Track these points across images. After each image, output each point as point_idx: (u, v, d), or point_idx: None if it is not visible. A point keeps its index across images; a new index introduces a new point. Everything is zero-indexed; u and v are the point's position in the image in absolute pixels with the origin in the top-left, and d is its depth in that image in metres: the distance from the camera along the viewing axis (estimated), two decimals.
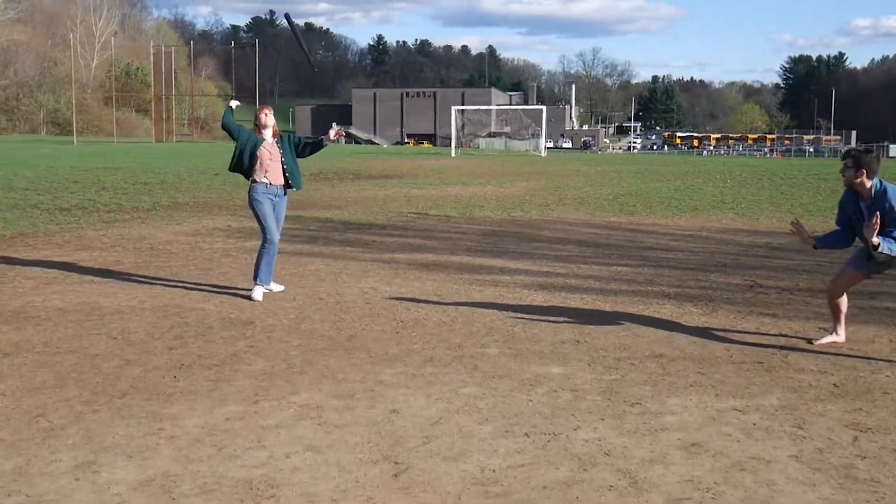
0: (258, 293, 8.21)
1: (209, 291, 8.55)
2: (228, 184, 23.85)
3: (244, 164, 8.38)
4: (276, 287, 8.56)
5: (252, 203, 8.39)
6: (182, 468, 4.16)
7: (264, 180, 8.32)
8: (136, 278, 9.25)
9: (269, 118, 8.48)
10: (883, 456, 4.38)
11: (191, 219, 15.20)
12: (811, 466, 4.24)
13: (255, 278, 8.31)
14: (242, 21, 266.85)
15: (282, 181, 8.41)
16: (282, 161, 8.38)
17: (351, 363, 6.03)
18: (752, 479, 4.09)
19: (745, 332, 7.04)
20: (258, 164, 8.31)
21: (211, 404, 5.11)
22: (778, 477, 4.11)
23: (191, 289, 8.67)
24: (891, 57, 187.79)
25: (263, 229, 8.33)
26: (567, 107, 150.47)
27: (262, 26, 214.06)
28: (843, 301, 6.67)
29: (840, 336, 6.68)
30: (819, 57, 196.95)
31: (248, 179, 8.43)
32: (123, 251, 11.21)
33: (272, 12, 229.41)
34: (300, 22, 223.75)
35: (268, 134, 8.44)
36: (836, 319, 6.72)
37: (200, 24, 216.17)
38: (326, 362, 6.04)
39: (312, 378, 5.66)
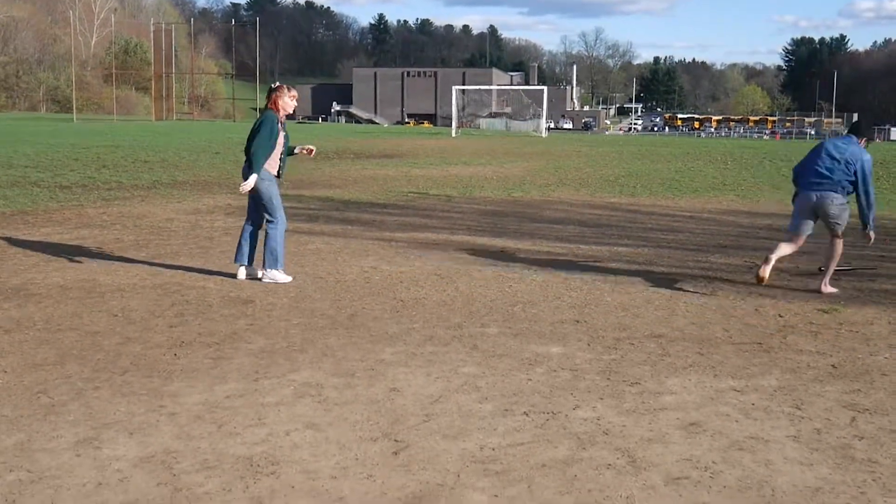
0: (276, 277, 7.95)
1: (209, 270, 8.56)
2: (229, 162, 23.82)
3: (272, 149, 7.94)
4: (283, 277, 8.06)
5: (264, 186, 7.89)
6: (183, 445, 4.17)
7: (268, 166, 7.97)
8: (136, 256, 9.25)
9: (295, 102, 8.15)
10: (880, 436, 4.40)
11: (191, 197, 15.20)
12: (809, 446, 4.26)
13: (275, 265, 7.95)
14: None
15: (276, 169, 8.08)
16: (282, 150, 8.11)
17: (351, 342, 6.04)
18: (751, 458, 4.11)
19: (745, 313, 7.05)
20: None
21: (211, 382, 5.12)
22: (776, 457, 4.13)
23: (191, 267, 8.68)
24: (893, 40, 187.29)
25: (273, 212, 7.97)
26: (568, 87, 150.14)
27: (262, 4, 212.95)
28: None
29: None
30: (822, 39, 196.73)
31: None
32: (123, 229, 11.22)
33: None
34: (301, 1, 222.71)
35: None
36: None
37: (201, 2, 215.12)
38: (326, 341, 6.06)
39: (312, 356, 5.68)
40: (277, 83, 8.28)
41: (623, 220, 13.02)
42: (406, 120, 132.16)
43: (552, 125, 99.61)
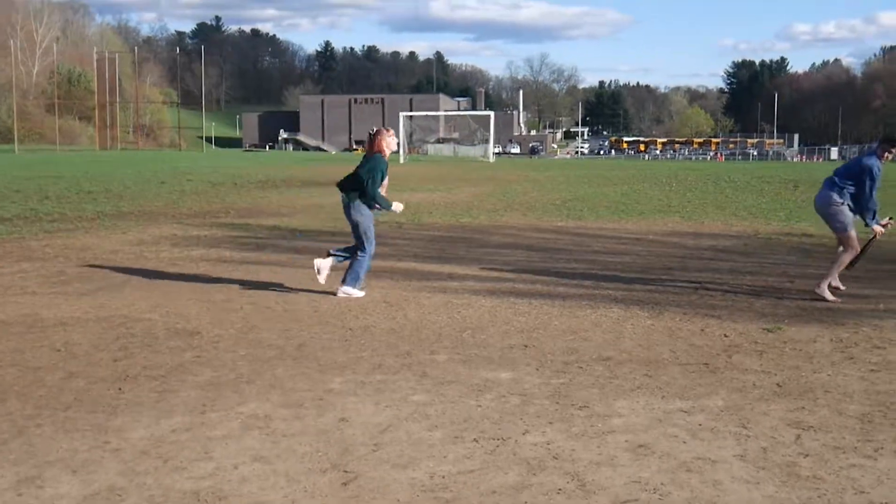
0: (350, 292, 8.72)
1: (155, 301, 8.45)
2: (175, 192, 23.63)
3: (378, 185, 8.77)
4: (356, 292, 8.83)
5: (363, 220, 8.78)
6: (128, 481, 4.10)
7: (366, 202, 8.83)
8: (80, 289, 9.11)
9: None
10: (824, 453, 4.46)
11: (136, 228, 15.02)
12: (755, 465, 4.31)
13: (345, 280, 8.77)
14: (188, 27, 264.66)
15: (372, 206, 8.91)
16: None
17: (299, 372, 6.00)
18: (698, 479, 4.14)
19: (691, 334, 7.13)
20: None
21: (157, 416, 5.05)
22: (723, 476, 4.17)
23: (136, 299, 8.56)
24: (830, 62, 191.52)
25: (366, 242, 8.77)
26: (515, 112, 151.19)
27: (207, 32, 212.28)
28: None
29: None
30: (762, 62, 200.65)
31: (357, 198, 8.82)
32: (67, 261, 11.04)
33: (218, 18, 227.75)
34: (246, 28, 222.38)
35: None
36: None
37: (145, 31, 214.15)
38: (274, 371, 6.01)
39: (260, 388, 5.62)
40: (376, 128, 9.11)
41: (570, 244, 13.12)
42: (354, 147, 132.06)
43: (500, 150, 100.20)
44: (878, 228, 8.73)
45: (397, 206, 8.96)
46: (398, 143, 9.40)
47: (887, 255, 11.69)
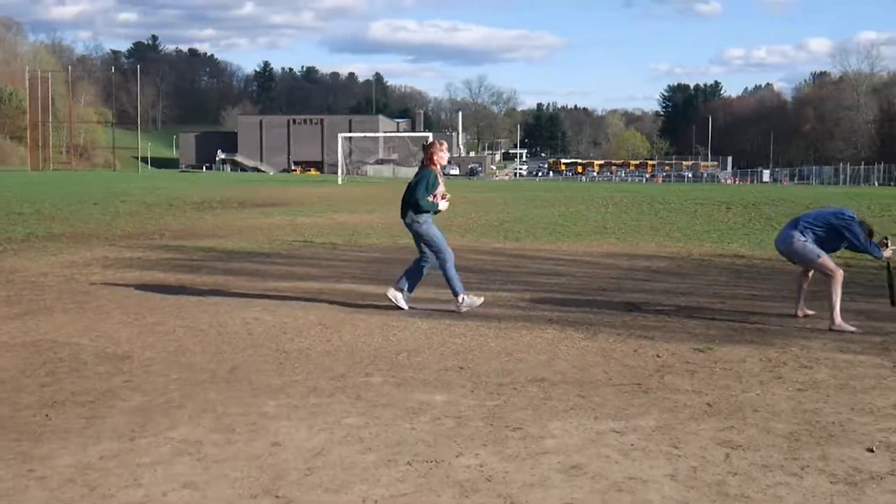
0: (469, 301, 9.07)
1: (85, 325, 8.30)
2: (108, 213, 23.28)
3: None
4: (403, 303, 9.19)
5: (423, 228, 9.09)
6: None
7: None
8: (6, 313, 8.91)
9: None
10: (752, 472, 4.53)
11: (67, 250, 14.75)
12: (685, 485, 4.36)
13: (456, 294, 9.06)
14: (124, 46, 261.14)
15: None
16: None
17: (232, 396, 5.93)
18: (630, 499, 4.18)
19: (624, 355, 7.20)
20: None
21: (84, 442, 4.94)
22: (654, 496, 4.21)
23: (65, 323, 8.40)
24: (762, 86, 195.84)
25: (438, 248, 9.08)
26: (454, 134, 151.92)
27: (143, 51, 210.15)
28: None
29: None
30: (696, 86, 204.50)
31: (413, 212, 9.06)
32: None
33: (155, 37, 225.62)
34: (184, 48, 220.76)
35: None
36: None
37: (80, 49, 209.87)
38: (206, 395, 5.93)
39: (192, 412, 5.54)
40: (431, 139, 9.37)
41: (507, 265, 13.19)
42: (293, 167, 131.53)
43: None
44: (888, 253, 8.49)
45: (443, 205, 9.31)
46: (448, 158, 9.83)
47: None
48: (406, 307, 9.15)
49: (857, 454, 4.81)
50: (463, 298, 9.10)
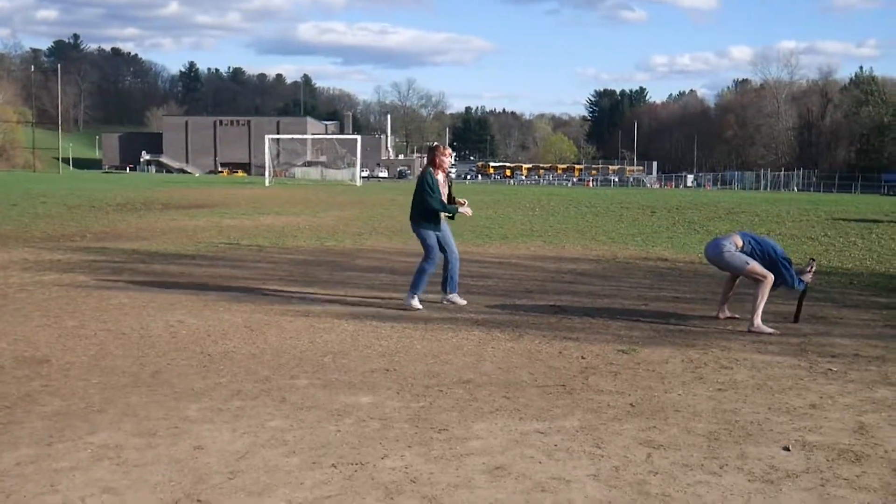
0: (413, 303, 9.44)
1: (2, 329, 8.09)
2: (27, 214, 22.75)
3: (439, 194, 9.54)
4: (460, 300, 9.81)
5: (420, 232, 9.64)
6: None
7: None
8: None
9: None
10: (673, 471, 4.61)
11: None
12: (608, 484, 4.41)
13: (413, 289, 9.50)
14: (44, 45, 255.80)
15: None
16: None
17: (154, 399, 5.83)
18: (553, 499, 4.21)
19: (549, 356, 7.27)
20: None
21: (0, 448, 4.82)
22: (576, 496, 4.25)
23: None
24: (686, 93, 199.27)
25: (427, 252, 9.61)
26: (383, 136, 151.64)
27: (65, 50, 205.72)
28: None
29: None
30: (622, 91, 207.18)
31: (420, 219, 9.57)
32: None
33: (76, 36, 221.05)
34: (106, 47, 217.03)
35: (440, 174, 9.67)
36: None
37: None
38: (128, 399, 5.82)
39: (112, 417, 5.44)
40: (435, 143, 9.61)
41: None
42: (219, 169, 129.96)
43: (367, 174, 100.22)
44: (808, 278, 8.78)
45: (466, 210, 9.91)
46: (451, 162, 10.33)
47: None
48: (463, 302, 9.79)
49: (774, 453, 4.93)
50: (412, 298, 9.49)
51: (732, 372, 6.83)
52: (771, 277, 8.53)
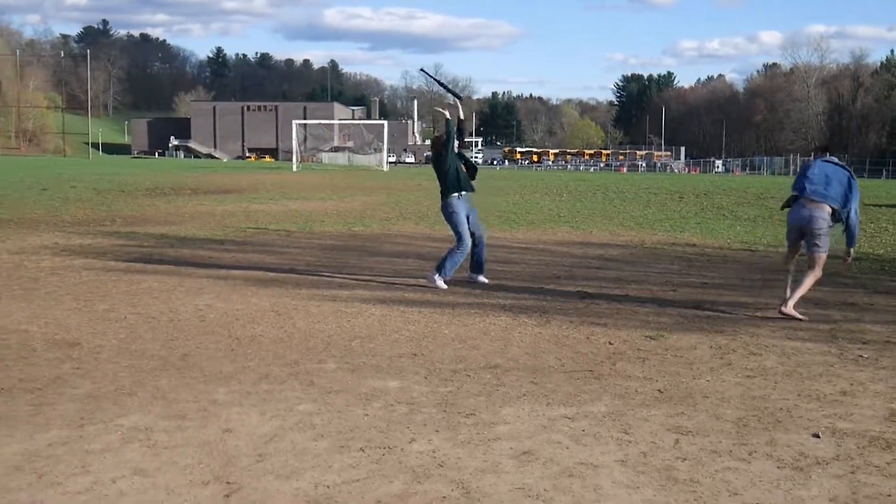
0: (439, 283, 9.66)
1: (33, 312, 8.17)
2: (57, 199, 22.95)
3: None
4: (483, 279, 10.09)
5: (451, 214, 9.93)
6: None
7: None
8: None
9: None
10: (702, 457, 4.59)
11: (15, 236, 14.52)
12: (635, 469, 4.40)
13: (439, 269, 9.72)
14: (74, 30, 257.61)
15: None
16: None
17: (183, 383, 5.88)
18: (580, 484, 4.21)
19: (577, 342, 7.25)
20: None
21: (32, 430, 4.87)
22: (604, 481, 4.25)
23: (13, 309, 8.27)
24: (715, 77, 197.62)
25: (460, 237, 9.82)
26: (410, 122, 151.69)
27: (94, 36, 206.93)
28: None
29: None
30: (650, 76, 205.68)
31: (443, 196, 9.94)
32: None
33: (105, 22, 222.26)
34: (135, 33, 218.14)
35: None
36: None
37: (28, 33, 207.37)
38: (157, 383, 5.87)
39: (142, 399, 5.49)
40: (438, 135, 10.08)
41: None
42: (247, 154, 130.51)
43: (394, 159, 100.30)
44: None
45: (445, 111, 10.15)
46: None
47: (760, 265, 12.11)
48: (487, 280, 10.10)
49: (803, 440, 4.90)
50: (438, 277, 9.71)
51: (761, 358, 6.79)
52: (820, 274, 8.38)
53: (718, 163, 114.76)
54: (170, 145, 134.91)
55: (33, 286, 9.61)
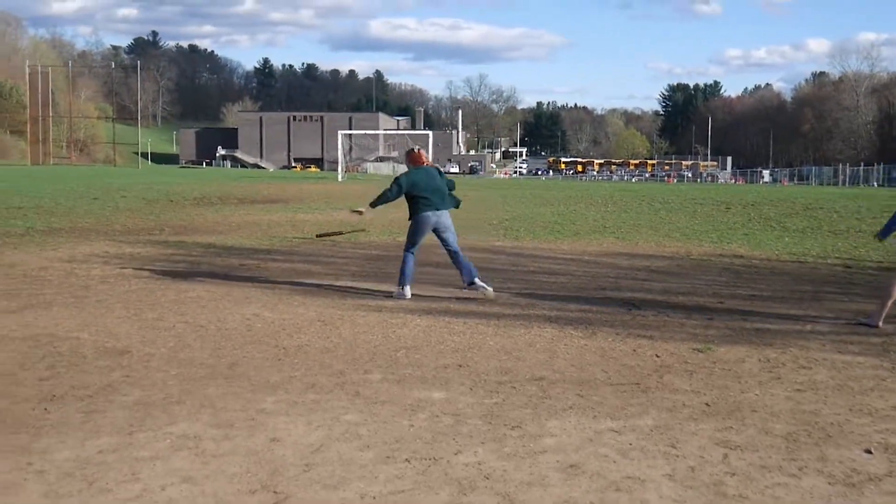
0: (401, 294, 9.84)
1: (84, 320, 8.30)
2: (107, 208, 23.29)
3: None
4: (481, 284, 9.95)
5: (411, 224, 10.27)
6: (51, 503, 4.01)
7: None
8: (6, 306, 8.90)
9: None
10: (751, 472, 4.54)
11: (67, 244, 14.75)
12: (683, 484, 4.36)
13: (400, 282, 9.89)
14: (124, 42, 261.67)
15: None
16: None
17: (231, 391, 5.93)
18: (627, 498, 4.18)
19: (623, 354, 7.20)
20: None
21: (83, 437, 4.95)
22: (651, 496, 4.21)
23: (65, 317, 8.40)
24: (762, 86, 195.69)
25: (408, 243, 10.18)
26: (454, 132, 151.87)
27: (144, 47, 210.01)
28: None
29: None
30: (696, 85, 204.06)
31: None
32: None
33: (155, 33, 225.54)
34: (184, 44, 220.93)
35: None
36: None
37: (80, 45, 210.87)
38: (205, 391, 5.93)
39: (190, 407, 5.55)
40: (415, 147, 10.65)
41: (506, 264, 13.18)
42: (293, 164, 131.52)
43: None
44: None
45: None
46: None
47: (809, 277, 11.95)
48: (483, 285, 9.92)
49: (855, 455, 4.82)
50: (398, 287, 9.90)
51: (812, 372, 6.69)
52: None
53: (766, 173, 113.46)
54: (217, 155, 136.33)
55: (84, 294, 9.75)
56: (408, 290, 9.83)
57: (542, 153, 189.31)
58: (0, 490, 4.16)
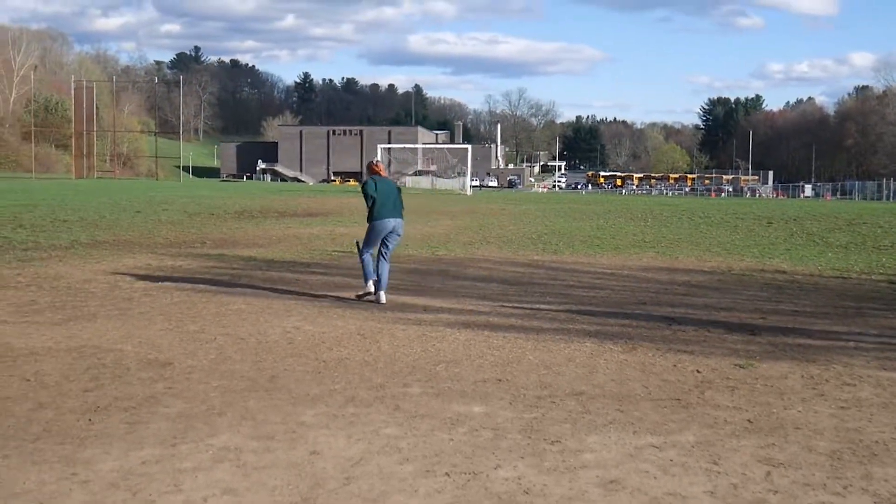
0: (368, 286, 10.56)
1: (127, 332, 8.40)
2: (150, 221, 23.55)
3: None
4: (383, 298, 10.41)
5: (367, 229, 10.94)
6: None
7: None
8: (51, 318, 9.04)
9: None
10: (794, 490, 4.48)
11: (111, 257, 14.94)
12: (725, 501, 4.32)
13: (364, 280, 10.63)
14: (167, 57, 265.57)
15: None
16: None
17: (271, 404, 5.97)
18: None
19: (663, 369, 7.16)
20: None
21: (127, 447, 5.00)
22: None
23: (108, 329, 8.51)
24: (804, 100, 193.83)
25: (364, 244, 10.86)
26: (493, 146, 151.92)
27: (186, 62, 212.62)
28: None
29: None
30: (737, 99, 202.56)
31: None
32: (39, 290, 10.97)
33: (197, 48, 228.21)
34: (226, 59, 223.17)
35: None
36: None
37: (124, 60, 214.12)
38: (246, 403, 5.98)
39: (232, 420, 5.59)
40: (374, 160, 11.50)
41: (545, 278, 13.16)
42: (332, 178, 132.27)
43: (477, 183, 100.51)
44: None
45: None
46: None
47: (853, 293, 11.80)
48: (384, 300, 10.36)
49: None
50: (364, 283, 10.60)
51: (856, 389, 6.60)
52: None
53: (808, 187, 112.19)
54: (257, 169, 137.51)
55: (127, 306, 9.87)
56: (370, 285, 10.47)
57: (581, 167, 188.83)
58: (46, 500, 4.22)
